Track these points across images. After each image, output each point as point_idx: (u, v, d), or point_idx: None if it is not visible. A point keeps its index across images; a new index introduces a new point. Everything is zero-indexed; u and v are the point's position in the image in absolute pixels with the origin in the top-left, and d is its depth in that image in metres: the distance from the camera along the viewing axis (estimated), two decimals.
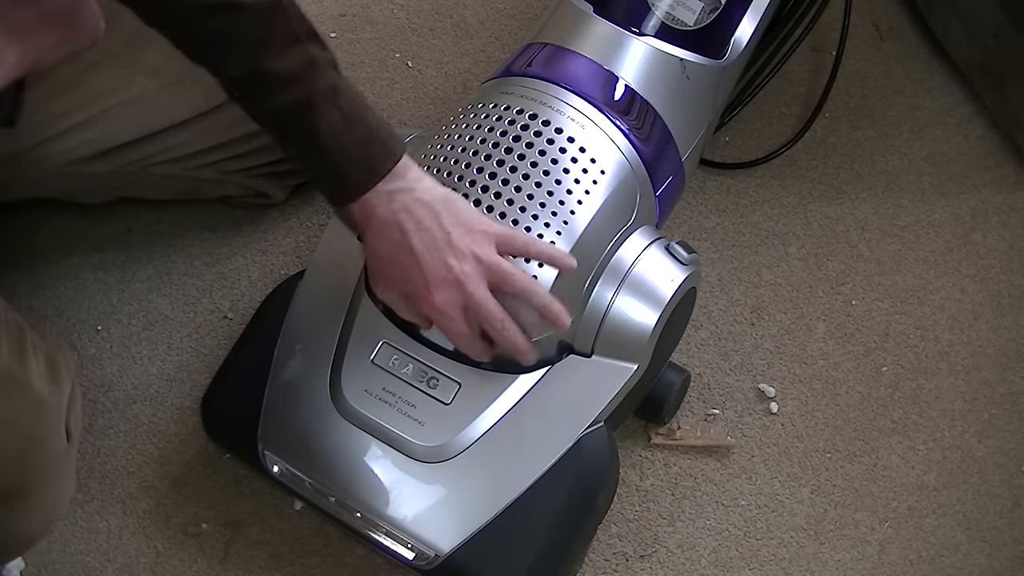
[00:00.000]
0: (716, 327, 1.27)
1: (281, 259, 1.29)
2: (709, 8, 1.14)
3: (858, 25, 1.47)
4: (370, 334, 1.07)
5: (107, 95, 1.12)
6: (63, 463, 0.93)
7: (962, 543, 1.16)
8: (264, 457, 1.07)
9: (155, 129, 1.15)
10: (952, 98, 1.44)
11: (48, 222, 1.29)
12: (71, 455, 0.95)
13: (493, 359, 1.01)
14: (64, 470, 0.94)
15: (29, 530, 0.95)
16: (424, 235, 0.94)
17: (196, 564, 1.12)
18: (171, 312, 1.26)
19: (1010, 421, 1.23)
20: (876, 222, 1.35)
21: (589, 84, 1.08)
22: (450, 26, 1.47)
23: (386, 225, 0.94)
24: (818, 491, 1.18)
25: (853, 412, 1.23)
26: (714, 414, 1.22)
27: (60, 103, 1.10)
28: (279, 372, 1.08)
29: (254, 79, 0.90)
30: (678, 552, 1.15)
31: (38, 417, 0.90)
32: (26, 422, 0.89)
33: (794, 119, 1.41)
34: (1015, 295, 1.30)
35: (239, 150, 1.19)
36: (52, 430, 0.91)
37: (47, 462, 0.91)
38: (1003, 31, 1.35)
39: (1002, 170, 1.39)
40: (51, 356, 0.93)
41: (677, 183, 1.15)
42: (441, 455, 1.03)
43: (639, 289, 1.04)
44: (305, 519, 1.14)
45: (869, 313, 1.29)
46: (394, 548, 1.04)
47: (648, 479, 1.18)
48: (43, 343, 0.93)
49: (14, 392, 0.88)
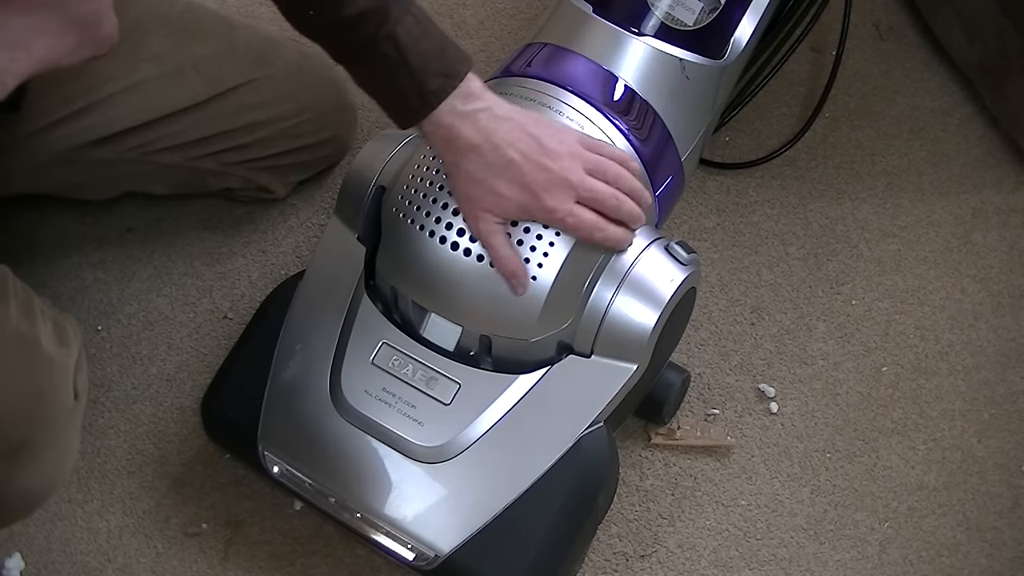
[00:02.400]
0: (716, 327, 1.27)
1: (281, 259, 1.29)
2: (709, 8, 1.14)
3: (858, 25, 1.47)
4: (370, 334, 1.07)
5: (109, 82, 1.13)
6: (69, 420, 0.95)
7: (962, 543, 1.16)
8: (264, 457, 1.07)
9: (156, 116, 1.16)
10: (952, 98, 1.44)
11: (48, 221, 1.29)
12: (77, 414, 0.96)
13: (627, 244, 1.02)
14: (70, 428, 0.95)
15: (35, 487, 0.96)
16: (519, 146, 0.95)
17: (196, 564, 1.12)
18: (171, 312, 1.26)
19: (1010, 421, 1.23)
20: (876, 222, 1.35)
21: (588, 84, 1.08)
22: (450, 26, 1.47)
23: (476, 146, 0.95)
24: (818, 491, 1.18)
25: (853, 412, 1.23)
26: (714, 414, 1.22)
27: (62, 89, 1.11)
28: (279, 372, 1.08)
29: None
30: (678, 552, 1.15)
31: (46, 373, 0.92)
32: (35, 376, 0.91)
33: (794, 119, 1.41)
34: (1015, 295, 1.30)
35: (241, 141, 1.20)
36: (60, 387, 0.93)
37: (54, 417, 0.93)
38: (1003, 31, 1.35)
39: (1002, 170, 1.39)
40: (58, 322, 0.95)
41: (677, 183, 1.15)
42: (441, 455, 1.03)
43: (639, 289, 1.04)
44: (305, 519, 1.14)
45: (869, 313, 1.29)
46: (394, 548, 1.04)
47: (648, 479, 1.18)
48: (51, 310, 0.96)
49: (24, 348, 0.90)
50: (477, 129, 0.95)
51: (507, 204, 0.97)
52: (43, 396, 0.92)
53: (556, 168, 0.96)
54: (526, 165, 0.96)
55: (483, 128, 0.95)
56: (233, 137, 1.19)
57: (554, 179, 0.96)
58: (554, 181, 0.96)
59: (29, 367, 0.91)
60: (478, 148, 0.96)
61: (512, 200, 0.97)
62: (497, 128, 0.96)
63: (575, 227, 0.98)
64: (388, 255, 1.07)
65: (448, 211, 1.01)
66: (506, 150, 0.95)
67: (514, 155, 0.95)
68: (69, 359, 0.95)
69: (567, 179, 0.97)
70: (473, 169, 0.96)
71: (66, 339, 0.95)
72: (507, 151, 0.95)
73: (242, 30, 1.21)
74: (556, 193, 0.97)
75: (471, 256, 1.00)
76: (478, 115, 0.96)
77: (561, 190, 0.97)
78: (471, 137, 0.95)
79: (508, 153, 0.95)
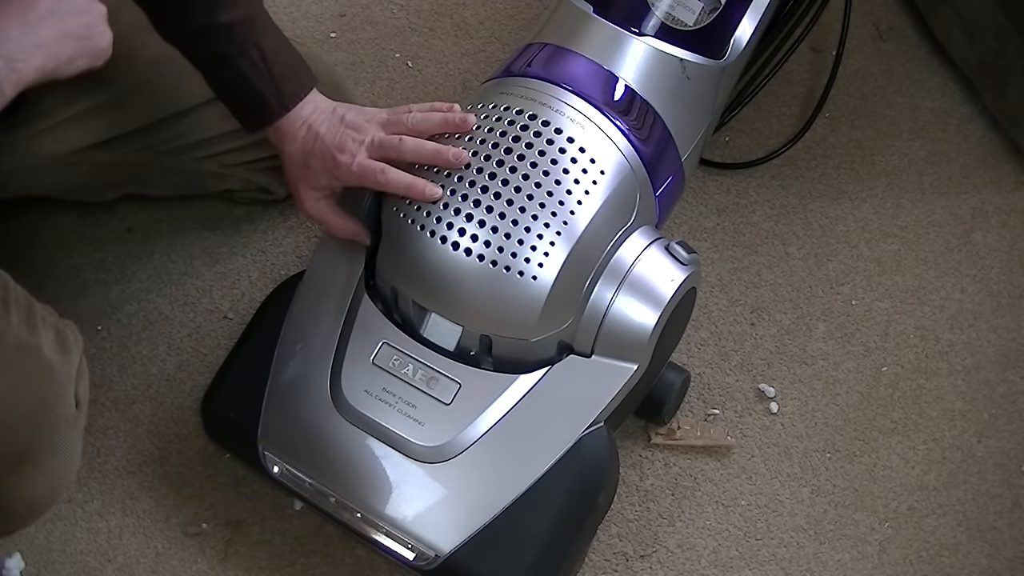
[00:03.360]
0: (716, 327, 1.27)
1: (281, 259, 1.29)
2: (709, 8, 1.14)
3: (858, 25, 1.47)
4: (370, 334, 1.07)
5: (108, 84, 1.13)
6: (72, 428, 0.95)
7: (962, 543, 1.16)
8: (264, 457, 1.07)
9: (156, 118, 1.16)
10: (952, 98, 1.44)
11: (48, 222, 1.29)
12: (79, 422, 0.97)
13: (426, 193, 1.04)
14: (72, 436, 0.96)
15: (39, 495, 0.96)
16: (326, 124, 1.06)
17: (196, 564, 1.12)
18: (171, 312, 1.26)
19: (1010, 421, 1.23)
20: (876, 222, 1.35)
21: (589, 84, 1.08)
22: (450, 26, 1.47)
23: (297, 133, 1.06)
24: (818, 491, 1.18)
25: (853, 412, 1.23)
26: (714, 414, 1.22)
27: (62, 92, 1.11)
28: (279, 372, 1.08)
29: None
30: (678, 552, 1.15)
31: (48, 381, 0.92)
32: (37, 385, 0.91)
33: (794, 119, 1.41)
34: (1015, 295, 1.30)
35: (240, 142, 1.20)
36: (62, 394, 0.94)
37: (57, 426, 0.93)
38: (1003, 31, 1.35)
39: (1002, 170, 1.39)
40: (59, 330, 0.96)
41: (677, 183, 1.15)
42: (441, 455, 1.03)
43: (639, 289, 1.04)
44: (305, 519, 1.14)
45: (869, 313, 1.29)
46: (394, 548, 1.04)
47: (648, 479, 1.18)
48: (51, 317, 0.96)
49: (25, 357, 0.91)
50: (302, 120, 1.06)
51: (317, 177, 1.06)
52: (45, 405, 0.92)
53: (352, 133, 1.05)
54: (328, 135, 1.05)
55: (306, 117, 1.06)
56: (233, 138, 1.19)
57: (346, 141, 1.05)
58: (346, 142, 1.05)
59: (31, 376, 0.91)
60: (300, 137, 1.06)
61: (318, 170, 1.06)
62: (320, 119, 1.06)
63: (360, 174, 1.04)
64: (388, 255, 1.07)
65: (449, 210, 1.01)
66: (317, 128, 1.05)
67: (321, 130, 1.05)
68: (70, 367, 0.95)
69: (360, 139, 1.05)
70: (292, 152, 1.06)
71: (67, 346, 0.96)
72: (317, 128, 1.05)
73: None
74: (348, 150, 1.04)
75: (472, 256, 1.00)
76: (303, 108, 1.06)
77: (355, 147, 1.04)
78: (298, 129, 1.05)
79: (317, 130, 1.05)
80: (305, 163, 1.06)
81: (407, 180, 1.03)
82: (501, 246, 1.00)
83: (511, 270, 1.00)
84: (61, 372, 0.94)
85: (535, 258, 1.00)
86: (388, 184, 1.03)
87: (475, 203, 1.00)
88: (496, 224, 1.00)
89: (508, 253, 1.00)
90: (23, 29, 0.93)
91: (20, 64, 0.93)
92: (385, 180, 1.03)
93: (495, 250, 1.00)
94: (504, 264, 1.00)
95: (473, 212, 1.00)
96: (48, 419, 0.93)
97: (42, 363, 0.92)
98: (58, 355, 0.94)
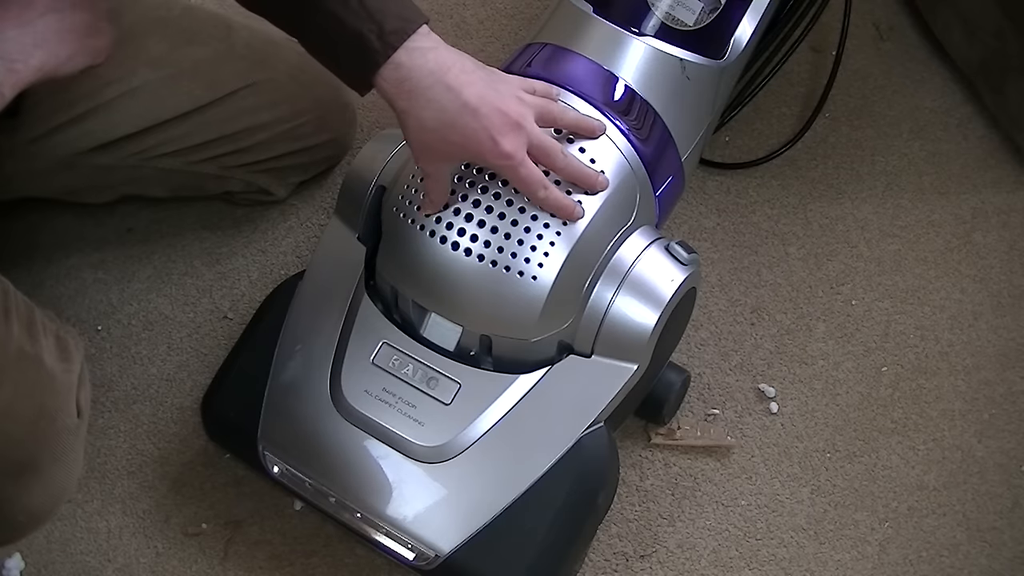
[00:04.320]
0: (716, 327, 1.27)
1: (281, 259, 1.29)
2: (709, 8, 1.14)
3: (858, 25, 1.47)
4: (370, 334, 1.07)
5: (108, 86, 1.13)
6: (73, 438, 0.95)
7: (962, 543, 1.16)
8: (264, 457, 1.07)
9: (156, 121, 1.16)
10: (952, 98, 1.44)
11: (48, 222, 1.29)
12: (81, 431, 0.96)
13: (576, 216, 0.99)
14: (74, 445, 0.96)
15: (41, 505, 0.96)
16: (473, 89, 0.92)
17: (196, 564, 1.12)
18: (171, 312, 1.26)
19: (1010, 421, 1.23)
20: (876, 222, 1.35)
21: (589, 84, 1.08)
22: (450, 26, 1.47)
23: (428, 87, 0.91)
24: (818, 491, 1.18)
25: (853, 412, 1.23)
26: (714, 414, 1.22)
27: (62, 95, 1.11)
28: (279, 372, 1.08)
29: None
30: (678, 552, 1.15)
31: (50, 391, 0.92)
32: (39, 396, 0.91)
33: (794, 119, 1.41)
34: (1015, 295, 1.30)
35: (241, 144, 1.20)
36: (63, 404, 0.93)
37: (58, 435, 0.93)
38: (1003, 31, 1.35)
39: (1002, 170, 1.39)
40: (60, 337, 0.95)
41: (677, 183, 1.15)
42: (441, 455, 1.03)
43: (639, 289, 1.04)
44: (305, 519, 1.14)
45: (869, 313, 1.29)
46: (394, 548, 1.04)
47: (648, 479, 1.18)
48: (52, 324, 0.96)
49: (26, 367, 0.90)
50: (429, 71, 0.91)
51: (460, 152, 0.95)
52: (47, 415, 0.92)
53: (513, 111, 0.93)
54: (483, 108, 0.92)
55: (436, 69, 0.91)
56: (233, 141, 1.19)
57: (510, 122, 0.93)
58: (510, 124, 0.93)
59: (32, 386, 0.91)
60: (429, 91, 0.91)
61: (466, 148, 0.94)
62: (451, 67, 0.92)
63: (526, 179, 0.95)
64: (388, 255, 1.07)
65: (449, 210, 1.01)
66: (460, 92, 0.91)
67: (469, 97, 0.92)
68: (72, 375, 0.95)
69: (519, 125, 0.93)
70: (427, 116, 0.92)
71: (68, 354, 0.95)
72: (462, 93, 0.91)
73: (241, 32, 1.21)
74: (513, 138, 0.93)
75: (472, 256, 1.00)
76: (427, 54, 0.91)
77: (517, 135, 0.93)
78: (422, 79, 0.91)
79: (463, 95, 0.91)
80: (442, 135, 0.93)
81: (564, 202, 0.98)
82: (501, 246, 1.00)
83: (511, 270, 1.00)
84: (62, 381, 0.93)
85: (535, 258, 1.00)
86: (544, 202, 0.97)
87: (475, 203, 1.00)
88: (496, 224, 1.00)
89: (508, 253, 1.00)
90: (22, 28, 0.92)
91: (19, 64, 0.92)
92: (545, 197, 0.96)
93: (495, 250, 1.00)
94: (504, 264, 1.00)
95: (473, 212, 1.00)
96: (50, 429, 0.92)
97: (43, 372, 0.92)
98: (59, 363, 0.93)
